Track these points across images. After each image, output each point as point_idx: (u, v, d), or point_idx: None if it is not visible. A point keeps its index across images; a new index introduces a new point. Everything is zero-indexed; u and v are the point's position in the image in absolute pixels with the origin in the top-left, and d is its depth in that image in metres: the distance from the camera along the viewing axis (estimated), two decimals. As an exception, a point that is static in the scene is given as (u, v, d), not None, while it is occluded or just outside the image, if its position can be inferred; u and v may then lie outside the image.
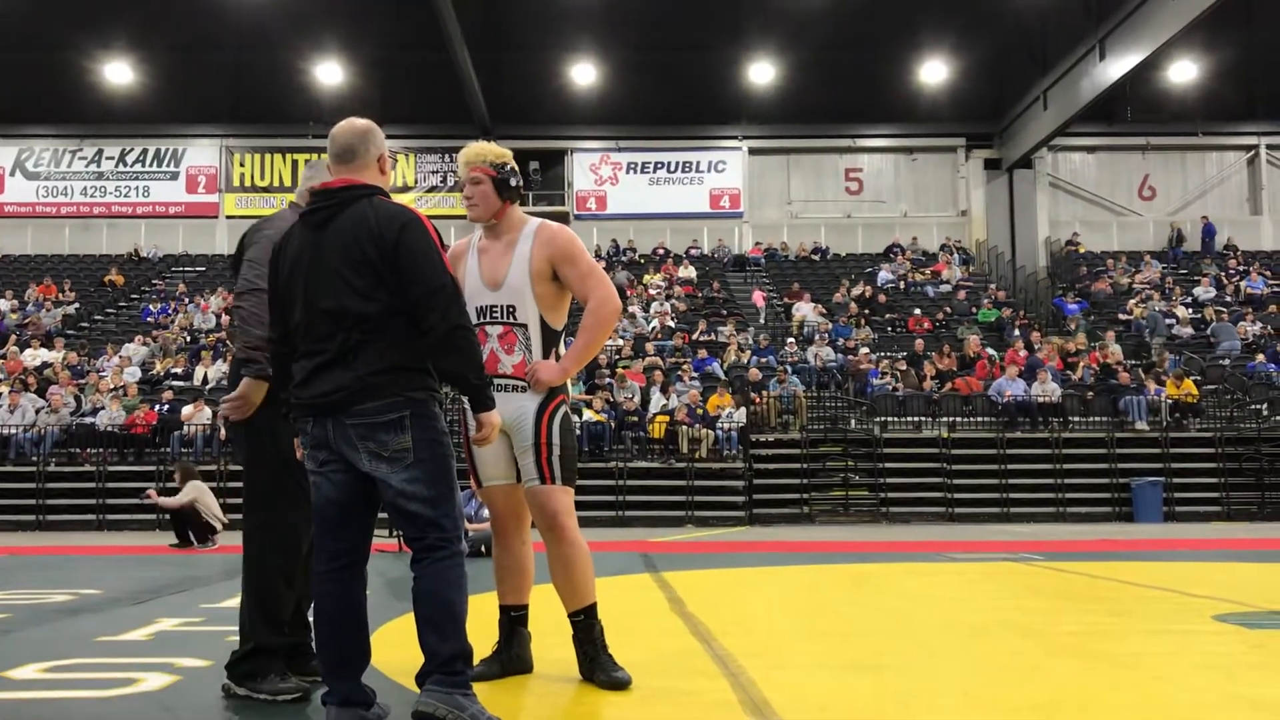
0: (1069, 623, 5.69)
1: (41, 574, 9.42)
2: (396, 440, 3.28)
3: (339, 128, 3.58)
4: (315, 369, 3.35)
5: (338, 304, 3.32)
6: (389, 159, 3.62)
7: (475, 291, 4.04)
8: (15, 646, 5.07)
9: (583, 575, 4.06)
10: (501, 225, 4.13)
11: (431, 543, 3.30)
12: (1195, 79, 28.47)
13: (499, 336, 4.03)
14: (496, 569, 4.23)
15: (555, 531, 4.01)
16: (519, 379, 4.03)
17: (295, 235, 3.52)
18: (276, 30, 27.64)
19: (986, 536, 14.13)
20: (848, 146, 29.83)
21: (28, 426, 18.63)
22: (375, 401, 3.27)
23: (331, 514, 3.39)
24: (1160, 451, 18.68)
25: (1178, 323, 23.50)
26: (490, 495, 4.15)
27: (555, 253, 4.05)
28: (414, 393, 3.32)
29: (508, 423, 4.00)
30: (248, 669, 3.80)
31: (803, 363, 21.38)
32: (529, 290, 4.03)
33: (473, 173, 4.11)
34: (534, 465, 4.00)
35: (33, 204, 29.61)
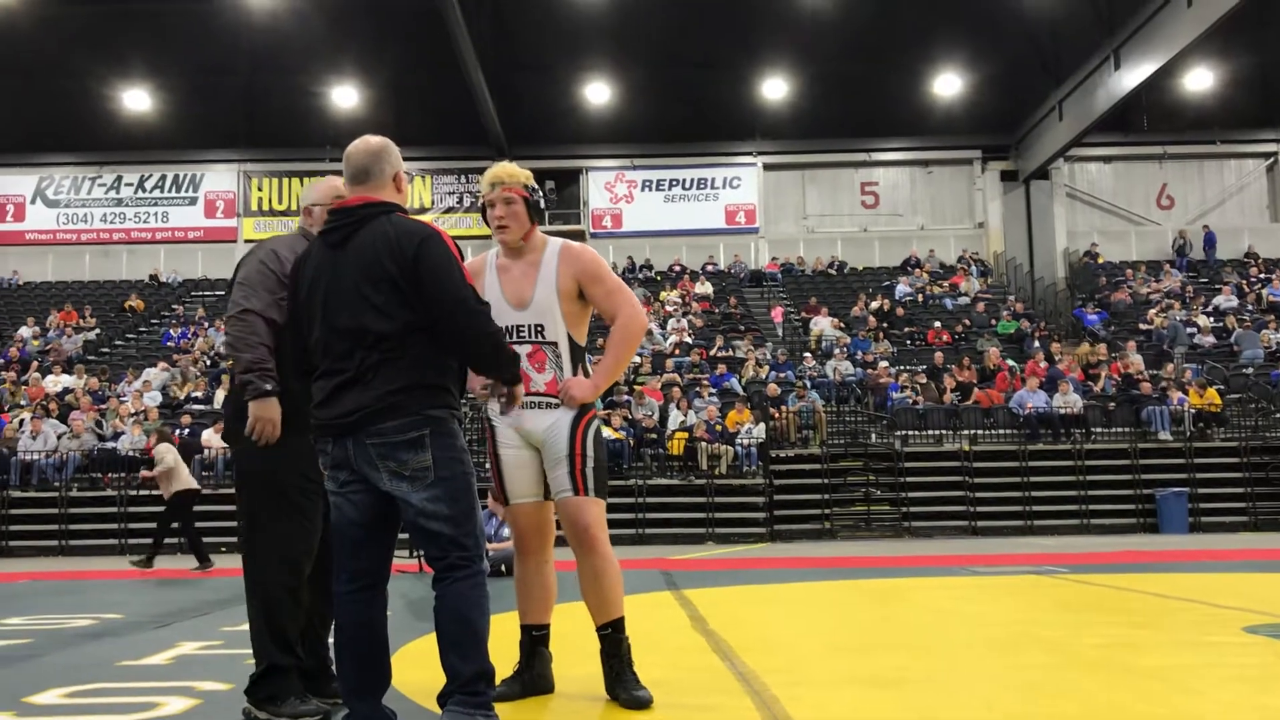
0: (1095, 636, 5.62)
1: (64, 598, 9.45)
2: (417, 459, 3.26)
3: (353, 147, 3.57)
4: (335, 389, 3.34)
5: (357, 322, 3.30)
6: (405, 176, 3.62)
7: (499, 311, 4.01)
8: (38, 671, 5.08)
9: (612, 588, 4.04)
10: (525, 246, 4.15)
11: (453, 561, 3.28)
12: (1211, 87, 28.34)
13: (528, 355, 4.04)
14: (519, 587, 4.21)
15: (587, 544, 4.01)
16: (551, 396, 4.05)
17: (313, 254, 3.52)
18: (292, 55, 27.87)
19: (1010, 549, 14.02)
20: (863, 160, 29.80)
21: (50, 452, 18.73)
22: (394, 420, 3.26)
23: (352, 534, 3.38)
24: (1184, 462, 18.52)
25: (1199, 332, 23.33)
26: (516, 513, 4.13)
27: (581, 271, 4.09)
28: (433, 410, 3.30)
29: (539, 438, 4.04)
30: (267, 692, 3.79)
31: (821, 377, 21.32)
32: (557, 308, 4.07)
33: (505, 193, 4.09)
34: (567, 476, 3.99)
35: (53, 231, 29.87)
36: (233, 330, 3.91)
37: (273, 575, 3.88)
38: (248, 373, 3.83)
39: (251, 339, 3.85)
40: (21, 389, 21.77)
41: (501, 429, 4.11)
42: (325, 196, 4.15)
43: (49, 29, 26.99)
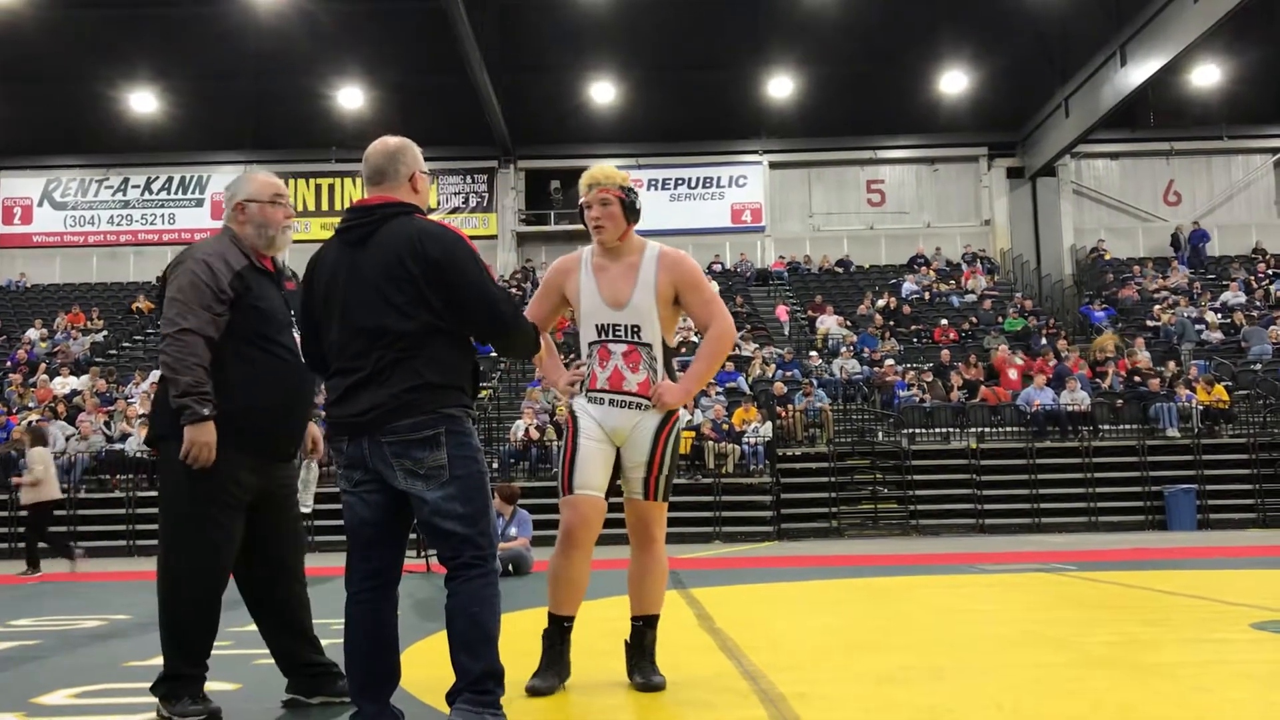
0: (1103, 633, 5.61)
1: (72, 600, 9.48)
2: (432, 457, 3.28)
3: (372, 148, 3.58)
4: (350, 387, 3.35)
5: (376, 322, 3.32)
6: (423, 176, 3.60)
7: (595, 309, 4.16)
8: (45, 672, 5.10)
9: (658, 586, 4.28)
10: (621, 246, 4.23)
11: (467, 560, 3.29)
12: (1219, 82, 28.26)
13: (623, 355, 4.14)
14: (557, 579, 4.22)
15: (648, 544, 4.22)
16: (643, 397, 4.15)
17: (330, 253, 3.52)
18: (298, 57, 27.90)
19: (1017, 547, 14.00)
20: (869, 158, 29.76)
21: (58, 454, 18.75)
22: (410, 419, 3.27)
23: (365, 534, 3.39)
24: (1193, 458, 18.48)
25: (1207, 328, 23.27)
26: (577, 503, 4.14)
27: (680, 278, 4.20)
28: (448, 409, 3.32)
29: (624, 436, 4.15)
30: (165, 690, 3.81)
31: (828, 375, 21.30)
32: (654, 312, 4.16)
33: (602, 194, 4.18)
34: (642, 482, 4.15)
35: (60, 234, 29.94)
36: (170, 350, 3.78)
37: (185, 590, 3.84)
38: (184, 396, 3.73)
39: (189, 359, 3.74)
40: (29, 391, 21.83)
41: (585, 421, 4.17)
42: (263, 193, 4.05)
43: (56, 32, 27.05)
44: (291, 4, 26.44)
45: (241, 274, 3.90)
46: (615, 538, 4.49)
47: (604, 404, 4.16)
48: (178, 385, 3.76)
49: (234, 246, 3.98)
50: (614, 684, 4.31)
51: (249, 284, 3.90)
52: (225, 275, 3.86)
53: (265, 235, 4.02)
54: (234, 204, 4.08)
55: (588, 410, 4.18)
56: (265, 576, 4.11)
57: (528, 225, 29.52)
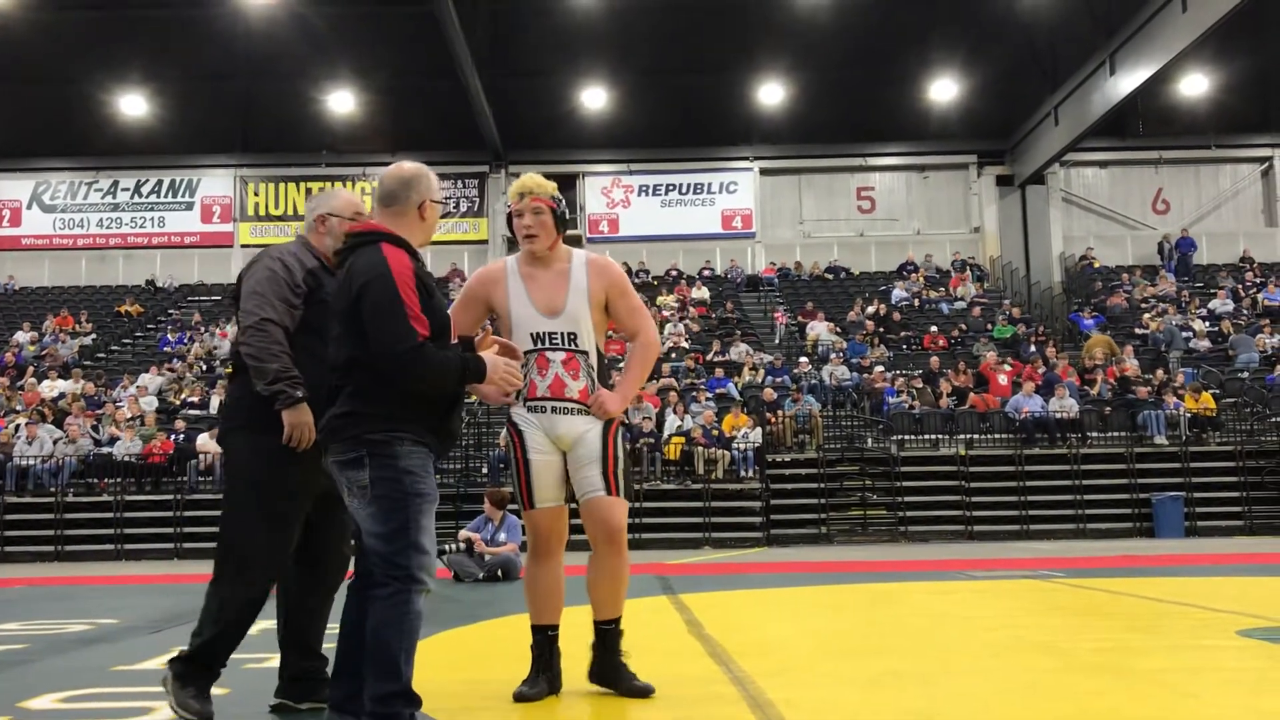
0: (1091, 639, 5.63)
1: (59, 604, 9.44)
2: (357, 476, 3.40)
3: (387, 171, 3.67)
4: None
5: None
6: (434, 206, 3.64)
7: (528, 317, 4.16)
8: (33, 677, 5.08)
9: (623, 589, 4.24)
10: (551, 255, 4.26)
11: (379, 578, 3.36)
12: (1207, 92, 28.40)
13: (563, 362, 4.16)
14: (533, 588, 4.25)
15: (613, 544, 4.16)
16: (583, 404, 4.16)
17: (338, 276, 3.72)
18: (288, 60, 27.87)
19: (1006, 554, 14.04)
20: (859, 165, 29.83)
21: (46, 457, 18.70)
22: (338, 442, 3.44)
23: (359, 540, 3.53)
24: (1180, 466, 18.55)
25: (1195, 336, 23.36)
26: (539, 516, 4.19)
27: (611, 284, 4.26)
28: (371, 434, 3.39)
29: (570, 440, 4.15)
30: (179, 670, 3.81)
31: (818, 382, 21.32)
32: (587, 318, 4.19)
33: (535, 203, 4.23)
34: (600, 476, 4.13)
35: (49, 236, 29.83)
36: (254, 341, 3.90)
37: (241, 584, 3.87)
38: (276, 382, 3.86)
39: (274, 348, 3.88)
40: (17, 394, 21.74)
41: (530, 434, 4.17)
42: (346, 209, 4.18)
43: (46, 34, 26.98)
44: (282, 7, 26.42)
45: (314, 272, 4.05)
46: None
47: (546, 412, 4.14)
48: (265, 373, 3.86)
49: (307, 251, 4.13)
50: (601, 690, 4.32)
51: (321, 281, 4.02)
52: (299, 271, 4.02)
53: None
54: (316, 215, 4.20)
55: (530, 420, 4.17)
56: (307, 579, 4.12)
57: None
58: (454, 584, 10.69)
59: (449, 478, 18.19)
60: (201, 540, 17.78)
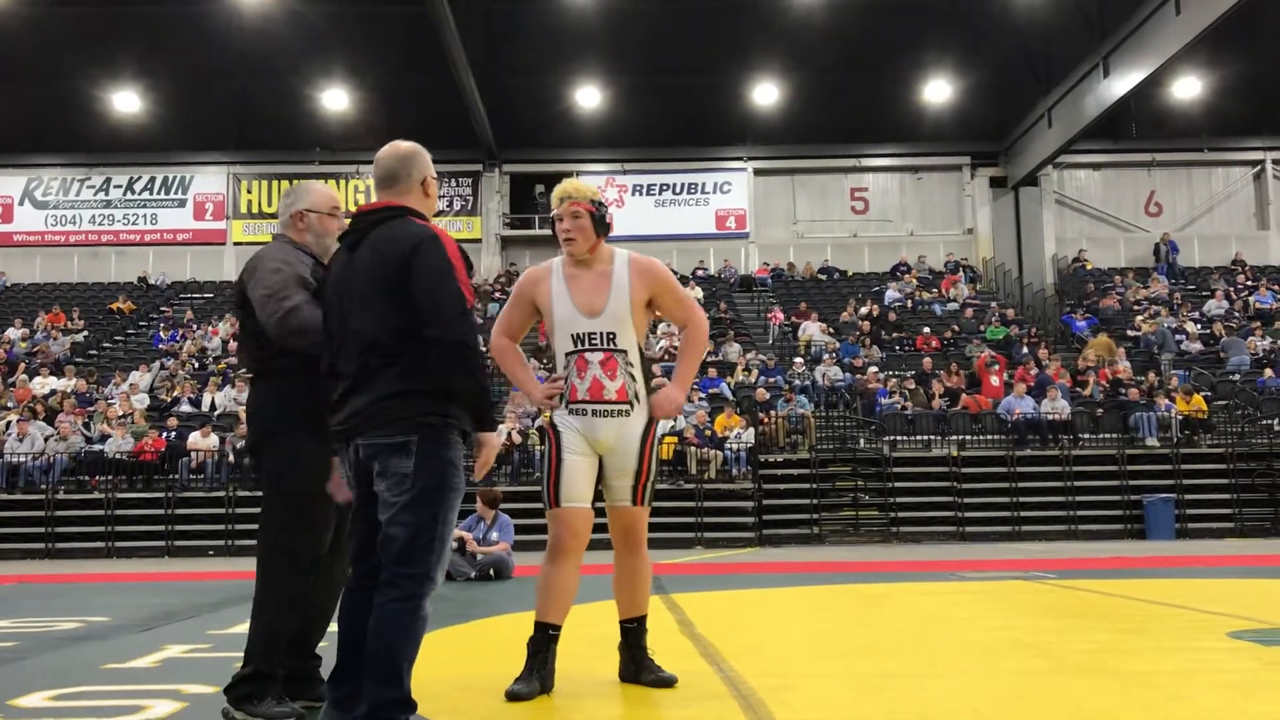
0: (1082, 641, 5.64)
1: (50, 602, 9.42)
2: (400, 464, 3.28)
3: (383, 151, 3.61)
4: (343, 393, 3.42)
5: (360, 326, 3.38)
6: (434, 181, 3.64)
7: (570, 317, 4.22)
8: (23, 675, 5.07)
9: (646, 588, 4.38)
10: (592, 258, 4.31)
11: (393, 578, 3.27)
12: (1200, 95, 28.49)
13: (600, 363, 4.20)
14: (547, 587, 4.26)
15: (634, 548, 4.30)
16: (621, 403, 4.21)
17: (337, 258, 3.60)
18: (282, 58, 27.82)
19: (997, 555, 14.06)
20: (853, 166, 29.87)
21: (37, 454, 18.65)
22: (384, 425, 3.29)
23: (359, 540, 3.46)
24: (1172, 468, 18.60)
25: (1187, 338, 23.42)
26: (566, 515, 4.21)
27: (654, 283, 4.31)
28: (425, 418, 3.29)
29: (608, 446, 4.21)
30: (245, 691, 3.78)
31: (810, 382, 21.33)
32: (629, 318, 4.24)
33: (574, 207, 4.27)
34: (630, 489, 4.23)
35: (41, 233, 29.76)
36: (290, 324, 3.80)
37: (287, 582, 3.87)
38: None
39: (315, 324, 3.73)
40: (9, 391, 21.68)
41: (568, 435, 4.22)
42: (324, 204, 4.16)
43: (39, 30, 26.91)
44: (277, 5, 26.39)
45: (319, 264, 4.03)
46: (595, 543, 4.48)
47: (586, 415, 4.20)
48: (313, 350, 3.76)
49: (296, 250, 4.08)
50: (596, 688, 4.32)
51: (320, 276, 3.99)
52: (305, 266, 3.98)
53: (323, 244, 4.13)
54: (292, 212, 4.16)
55: (570, 423, 4.23)
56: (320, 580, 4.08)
57: (512, 229, 29.48)
58: (446, 583, 10.69)
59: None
60: (193, 538, 17.79)
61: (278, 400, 3.93)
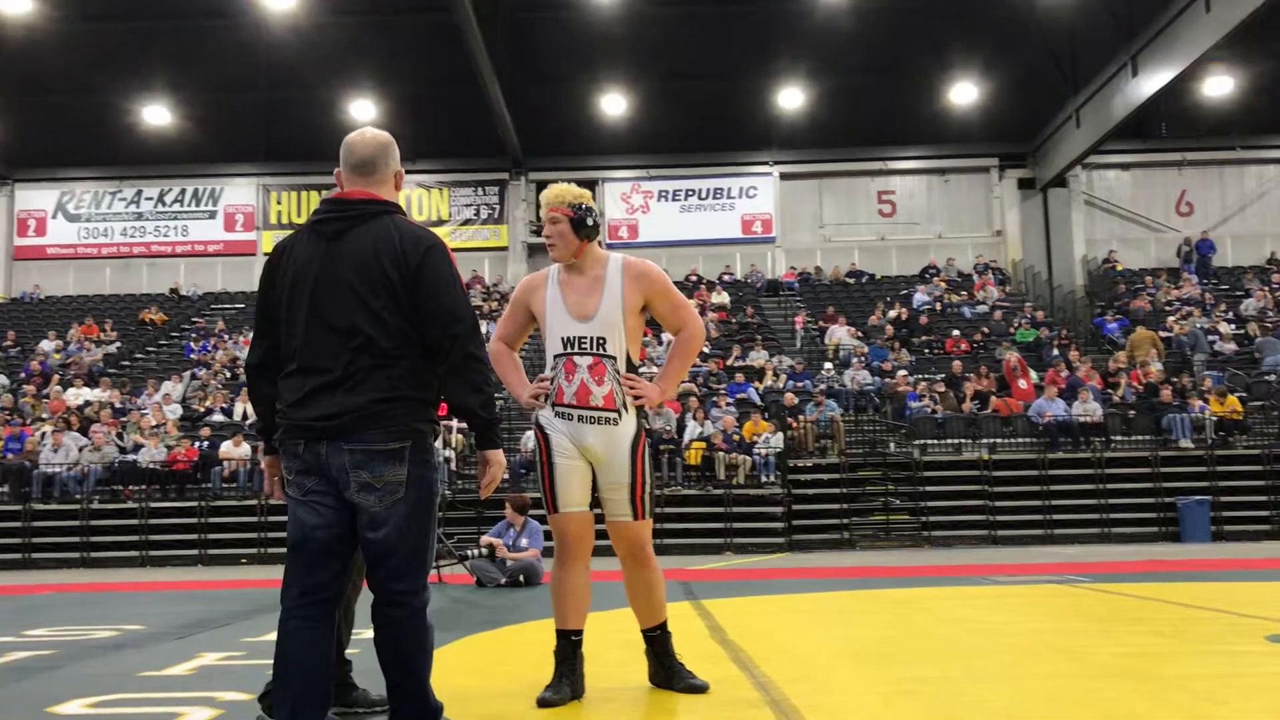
0: (1116, 645, 5.59)
1: (86, 610, 9.51)
2: (393, 472, 3.15)
3: (356, 137, 3.45)
4: (316, 389, 3.17)
5: (349, 322, 3.18)
6: (403, 176, 3.56)
7: (561, 322, 4.21)
8: (61, 682, 5.12)
9: (661, 595, 4.34)
10: (583, 261, 4.30)
11: (397, 595, 3.17)
12: (1231, 93, 28.17)
13: (589, 368, 4.18)
14: (560, 594, 4.28)
15: (640, 559, 4.27)
16: (609, 410, 4.18)
17: (301, 243, 3.36)
18: (310, 70, 28.03)
19: (1030, 559, 13.96)
20: (879, 169, 29.76)
21: (71, 465, 18.86)
22: (380, 430, 3.14)
23: (310, 548, 3.18)
24: (1206, 470, 18.40)
25: (1220, 339, 23.18)
26: (566, 520, 4.22)
27: (649, 287, 4.28)
28: (418, 424, 3.22)
29: (597, 454, 4.18)
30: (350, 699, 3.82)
31: (839, 386, 21.27)
32: (620, 323, 4.22)
33: (551, 212, 4.28)
34: (628, 502, 4.20)
35: (74, 245, 30.10)
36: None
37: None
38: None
39: None
40: (43, 402, 21.93)
41: (557, 439, 4.21)
42: None
43: (70, 45, 27.23)
44: (304, 17, 26.58)
45: None
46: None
47: (572, 419, 4.19)
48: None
49: None
50: (627, 693, 4.32)
51: None
52: None
53: None
54: None
55: (556, 426, 4.21)
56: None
57: (538, 236, 29.45)
58: (476, 589, 10.72)
59: (470, 483, 18.22)
60: (225, 546, 17.91)
61: None
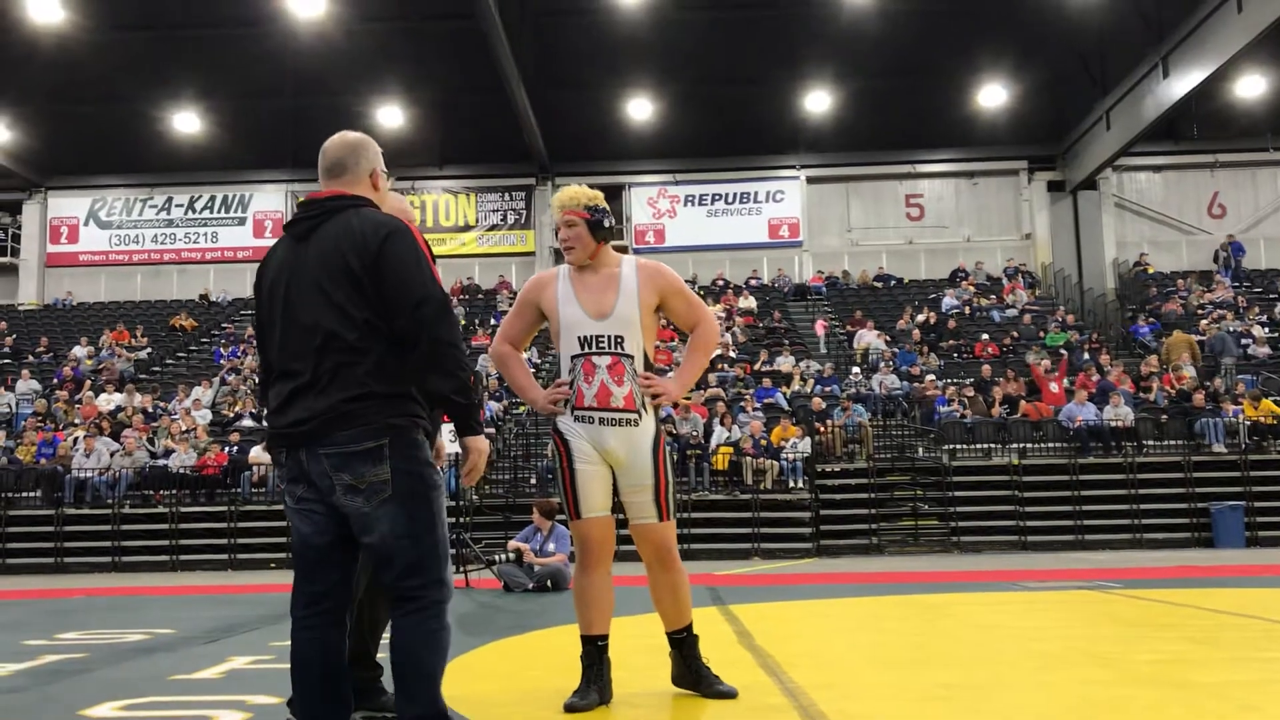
0: (1149, 651, 5.53)
1: (117, 614, 9.58)
2: (374, 471, 3.02)
3: (330, 142, 3.45)
4: (290, 394, 3.11)
5: (314, 320, 3.08)
6: (383, 176, 3.48)
7: (577, 320, 4.18)
8: (93, 685, 5.16)
9: (687, 598, 4.30)
10: (597, 263, 4.29)
11: (412, 590, 3.05)
12: (1264, 93, 27.87)
13: (608, 368, 4.16)
14: (583, 598, 4.26)
15: (666, 562, 4.22)
16: (629, 411, 4.15)
17: (278, 250, 3.31)
18: (337, 76, 28.23)
19: (1061, 565, 13.84)
20: (907, 172, 29.65)
21: (103, 470, 19.02)
22: (351, 429, 3.02)
23: (309, 556, 3.13)
24: (1240, 475, 18.19)
25: (1254, 343, 22.92)
26: (589, 526, 4.21)
27: (664, 286, 4.28)
28: (395, 419, 3.06)
29: (618, 457, 4.16)
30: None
31: (867, 391, 21.17)
32: (636, 322, 4.20)
33: (567, 215, 4.27)
34: (652, 504, 4.17)
35: (106, 252, 30.42)
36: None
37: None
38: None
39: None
40: (75, 408, 22.15)
41: (577, 444, 4.19)
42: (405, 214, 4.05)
43: (102, 54, 27.53)
44: (331, 24, 26.77)
45: None
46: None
47: (594, 423, 4.15)
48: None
49: None
50: (654, 699, 4.30)
51: None
52: None
53: None
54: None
55: (577, 431, 4.18)
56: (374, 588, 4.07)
57: (564, 242, 29.56)
58: (504, 594, 10.73)
59: (497, 488, 18.25)
60: (255, 551, 18.02)
61: None
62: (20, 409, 22.55)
